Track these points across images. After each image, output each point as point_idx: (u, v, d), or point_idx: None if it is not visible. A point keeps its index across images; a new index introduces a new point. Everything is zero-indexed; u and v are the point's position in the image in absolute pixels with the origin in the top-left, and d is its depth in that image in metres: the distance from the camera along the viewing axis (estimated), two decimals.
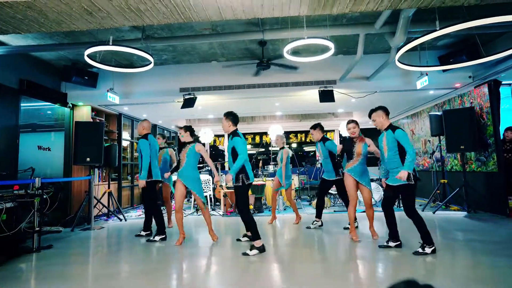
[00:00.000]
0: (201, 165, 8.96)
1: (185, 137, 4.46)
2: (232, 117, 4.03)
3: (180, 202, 4.27)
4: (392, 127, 3.68)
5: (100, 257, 3.94)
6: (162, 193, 5.70)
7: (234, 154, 3.87)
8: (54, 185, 5.79)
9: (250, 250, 3.69)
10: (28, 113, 6.33)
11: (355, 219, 4.59)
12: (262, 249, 3.71)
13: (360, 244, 4.02)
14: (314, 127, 5.16)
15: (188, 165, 4.33)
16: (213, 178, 7.86)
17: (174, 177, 5.60)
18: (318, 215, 5.12)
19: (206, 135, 10.22)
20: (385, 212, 3.80)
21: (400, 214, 3.80)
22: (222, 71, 6.48)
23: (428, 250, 3.46)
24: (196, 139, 4.58)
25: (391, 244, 3.78)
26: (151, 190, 4.69)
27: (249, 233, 4.13)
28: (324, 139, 5.06)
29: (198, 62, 6.59)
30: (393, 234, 3.79)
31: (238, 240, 4.37)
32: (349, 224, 4.43)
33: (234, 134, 3.95)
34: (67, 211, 6.37)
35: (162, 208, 5.57)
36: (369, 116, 3.90)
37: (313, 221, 5.15)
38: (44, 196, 4.42)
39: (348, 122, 4.36)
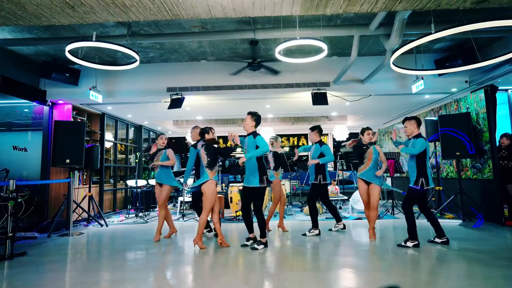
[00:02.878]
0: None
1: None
2: (256, 117, 4.48)
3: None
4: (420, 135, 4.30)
5: (78, 265, 3.87)
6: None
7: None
8: (30, 188, 5.71)
9: (258, 245, 4.23)
10: (3, 111, 6.22)
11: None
12: (266, 245, 4.30)
13: (356, 252, 4.05)
14: (313, 128, 5.37)
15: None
16: None
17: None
18: (315, 224, 5.15)
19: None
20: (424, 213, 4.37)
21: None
22: (211, 70, 6.48)
23: (410, 244, 4.14)
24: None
25: (437, 240, 4.31)
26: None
27: (251, 235, 4.46)
28: (321, 143, 5.28)
29: (186, 61, 6.58)
30: (439, 232, 4.29)
31: (244, 245, 4.41)
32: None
33: (256, 133, 4.41)
34: (44, 215, 6.25)
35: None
36: (403, 122, 4.50)
37: (310, 229, 5.16)
38: (19, 200, 4.35)
39: (364, 130, 4.92)
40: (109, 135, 8.38)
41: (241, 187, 5.20)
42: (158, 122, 10.20)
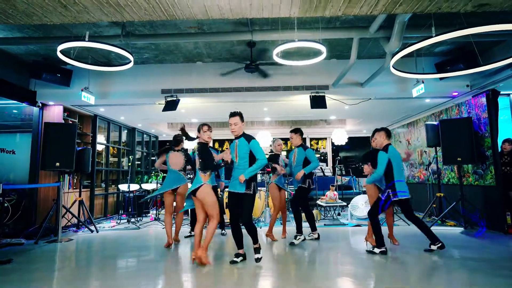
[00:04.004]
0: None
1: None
2: (242, 117, 4.17)
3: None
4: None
5: (66, 273, 3.83)
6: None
7: (251, 157, 3.96)
8: (18, 192, 5.66)
9: (257, 253, 3.95)
10: None
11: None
12: (259, 250, 4.01)
13: (355, 260, 4.05)
14: (295, 131, 5.23)
15: None
16: None
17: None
18: (313, 227, 5.22)
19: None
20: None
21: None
22: (207, 72, 6.50)
23: (377, 250, 4.28)
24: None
25: (432, 247, 4.31)
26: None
27: (241, 251, 4.04)
28: (304, 146, 5.18)
29: (182, 62, 6.59)
30: (431, 238, 4.30)
31: (234, 262, 3.96)
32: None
33: (249, 136, 4.03)
34: (32, 221, 6.19)
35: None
36: (372, 134, 4.67)
37: (309, 233, 5.24)
38: (5, 204, 4.31)
39: (373, 133, 4.86)
40: (101, 138, 8.34)
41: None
42: (152, 125, 10.18)
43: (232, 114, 4.08)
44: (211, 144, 6.05)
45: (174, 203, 5.24)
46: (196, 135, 4.22)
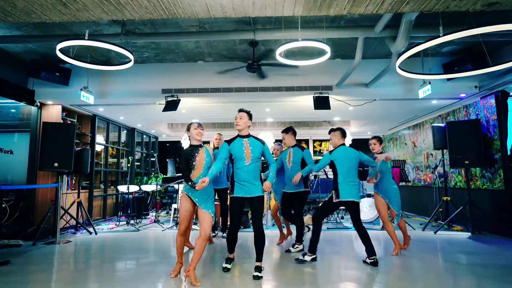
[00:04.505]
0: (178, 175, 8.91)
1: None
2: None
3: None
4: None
5: (64, 276, 3.84)
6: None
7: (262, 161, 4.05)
8: (15, 193, 5.68)
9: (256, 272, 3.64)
10: None
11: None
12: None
13: (359, 265, 4.03)
14: (287, 130, 5.00)
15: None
16: None
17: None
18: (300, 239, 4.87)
19: (188, 141, 10.17)
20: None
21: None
22: (209, 72, 6.50)
23: (307, 258, 4.11)
24: None
25: (367, 261, 4.07)
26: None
27: (232, 256, 3.97)
28: (300, 146, 4.94)
29: (183, 61, 6.60)
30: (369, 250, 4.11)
31: (226, 269, 3.85)
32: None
33: (261, 141, 3.87)
34: (30, 222, 6.21)
35: None
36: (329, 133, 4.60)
37: (295, 245, 4.86)
38: (3, 205, 4.32)
39: (371, 138, 4.88)
40: (100, 138, 8.36)
41: None
42: (152, 125, 10.19)
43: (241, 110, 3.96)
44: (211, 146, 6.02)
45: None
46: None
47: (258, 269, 3.62)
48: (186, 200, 3.59)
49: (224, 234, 5.81)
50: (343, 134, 4.44)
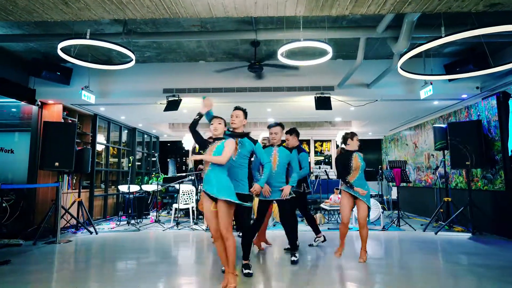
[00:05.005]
0: (184, 174, 8.91)
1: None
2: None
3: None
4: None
5: (65, 275, 3.84)
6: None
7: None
8: (16, 192, 5.68)
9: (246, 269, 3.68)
10: None
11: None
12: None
13: (358, 265, 4.03)
14: (291, 132, 4.88)
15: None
16: (196, 189, 7.82)
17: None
18: (316, 230, 5.12)
19: (190, 141, 10.19)
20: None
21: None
22: (210, 72, 6.50)
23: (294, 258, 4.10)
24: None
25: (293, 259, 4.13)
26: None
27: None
28: (300, 149, 4.77)
29: (184, 61, 6.60)
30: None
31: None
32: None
33: (254, 139, 3.78)
34: (30, 221, 6.21)
35: None
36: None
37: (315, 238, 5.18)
38: (4, 204, 4.32)
39: (354, 135, 4.62)
40: (101, 138, 8.36)
41: None
42: (153, 125, 10.20)
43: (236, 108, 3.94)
44: None
45: None
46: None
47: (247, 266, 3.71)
48: (205, 198, 3.30)
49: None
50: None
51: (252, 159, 4.11)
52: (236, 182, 3.48)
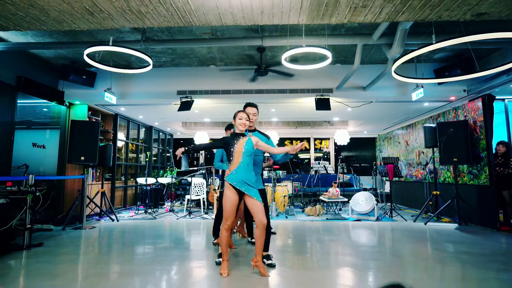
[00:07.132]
0: (195, 168, 8.96)
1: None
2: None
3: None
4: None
5: (90, 257, 3.91)
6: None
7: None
8: (47, 183, 5.78)
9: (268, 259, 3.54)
10: (24, 110, 6.33)
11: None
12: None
13: (355, 252, 4.04)
14: (230, 127, 4.53)
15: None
16: (207, 181, 7.87)
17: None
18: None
19: (201, 138, 10.24)
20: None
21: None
22: (220, 75, 6.53)
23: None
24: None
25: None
26: None
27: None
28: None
29: (196, 65, 6.63)
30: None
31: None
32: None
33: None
34: (59, 209, 6.33)
35: None
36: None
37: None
38: (37, 194, 4.40)
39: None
40: (121, 135, 8.44)
41: None
42: (167, 124, 10.26)
43: (252, 105, 3.84)
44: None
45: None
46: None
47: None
48: (231, 191, 3.15)
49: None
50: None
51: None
52: (258, 177, 3.53)
